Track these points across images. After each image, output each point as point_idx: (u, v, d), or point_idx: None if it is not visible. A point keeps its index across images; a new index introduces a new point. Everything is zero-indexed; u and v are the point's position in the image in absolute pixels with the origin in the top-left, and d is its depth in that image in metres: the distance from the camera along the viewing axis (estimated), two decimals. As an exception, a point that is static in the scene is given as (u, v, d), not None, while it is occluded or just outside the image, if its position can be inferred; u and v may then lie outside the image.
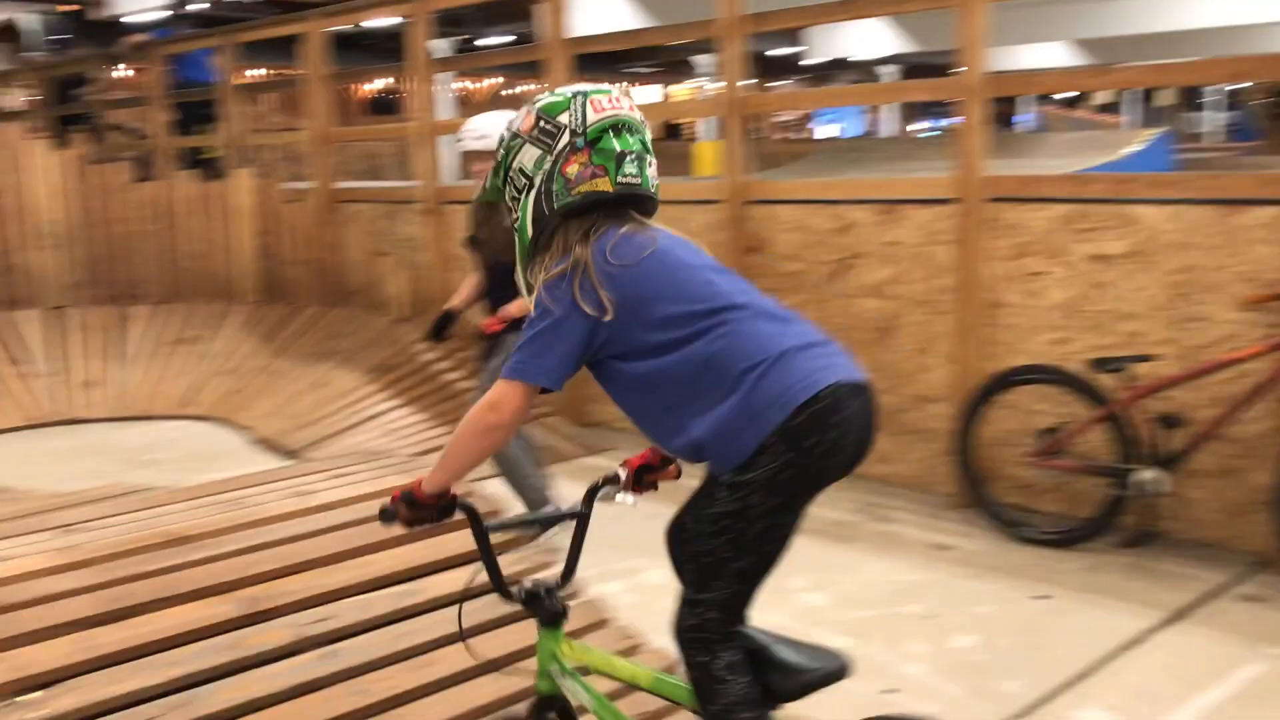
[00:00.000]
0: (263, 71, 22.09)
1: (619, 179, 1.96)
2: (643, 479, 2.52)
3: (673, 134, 30.17)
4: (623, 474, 2.47)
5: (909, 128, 35.06)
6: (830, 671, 1.97)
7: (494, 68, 25.33)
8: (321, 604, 3.09)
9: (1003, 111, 29.84)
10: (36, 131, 9.87)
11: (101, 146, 9.54)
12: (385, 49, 21.53)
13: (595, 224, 1.99)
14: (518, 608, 2.23)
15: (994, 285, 4.97)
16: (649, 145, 2.05)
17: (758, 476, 1.87)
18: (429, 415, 6.50)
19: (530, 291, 2.06)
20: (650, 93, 35.50)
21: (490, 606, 3.17)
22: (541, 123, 1.98)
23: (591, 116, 1.96)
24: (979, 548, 4.62)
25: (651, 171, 2.04)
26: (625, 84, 34.00)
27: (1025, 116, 30.33)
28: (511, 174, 2.01)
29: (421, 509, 2.06)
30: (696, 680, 1.91)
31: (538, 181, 1.97)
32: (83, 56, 10.74)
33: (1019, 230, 4.88)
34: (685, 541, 1.95)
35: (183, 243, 8.30)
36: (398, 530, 2.17)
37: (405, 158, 18.94)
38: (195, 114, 9.74)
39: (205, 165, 9.65)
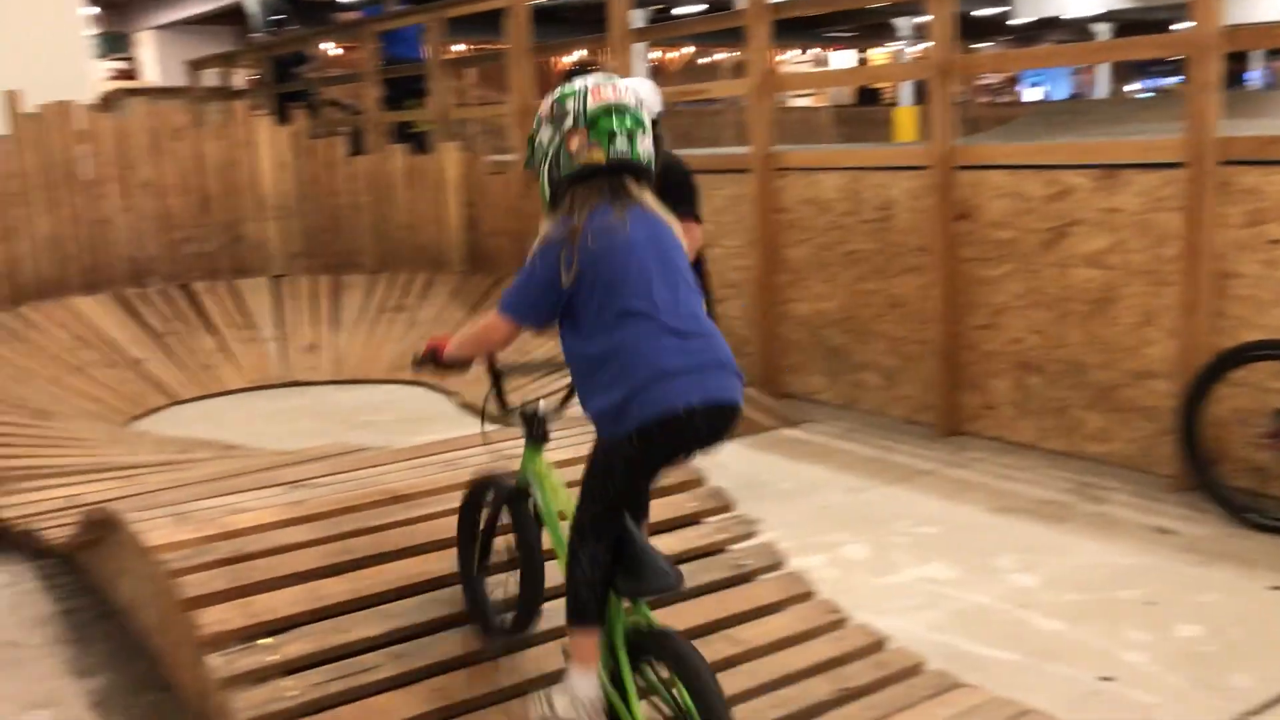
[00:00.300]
0: (462, 47, 22.74)
1: (611, 152, 2.42)
2: None
3: (870, 99, 29.50)
4: None
5: (1125, 89, 33.20)
6: (658, 589, 2.45)
7: (689, 37, 25.30)
8: (530, 565, 3.16)
9: (1234, 68, 27.87)
10: (259, 109, 10.45)
11: (318, 122, 10.03)
12: (583, 20, 21.83)
13: (594, 192, 2.44)
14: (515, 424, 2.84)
15: (1226, 254, 4.64)
16: (643, 123, 2.46)
17: (619, 453, 2.42)
18: (627, 383, 6.57)
19: None
20: (846, 57, 34.79)
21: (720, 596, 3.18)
22: (555, 108, 2.45)
23: (591, 103, 2.42)
24: (1204, 533, 4.35)
25: (643, 146, 2.46)
26: (819, 49, 33.42)
27: (1254, 73, 28.24)
28: (535, 147, 2.51)
29: (444, 367, 2.76)
30: (569, 557, 2.50)
31: (550, 154, 2.46)
32: (300, 35, 11.28)
33: (1256, 195, 4.54)
34: (587, 468, 2.50)
35: (394, 214, 8.64)
36: (426, 375, 3.29)
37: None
38: (404, 89, 10.12)
39: (414, 139, 10.02)
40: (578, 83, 2.49)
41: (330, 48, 12.91)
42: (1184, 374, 4.71)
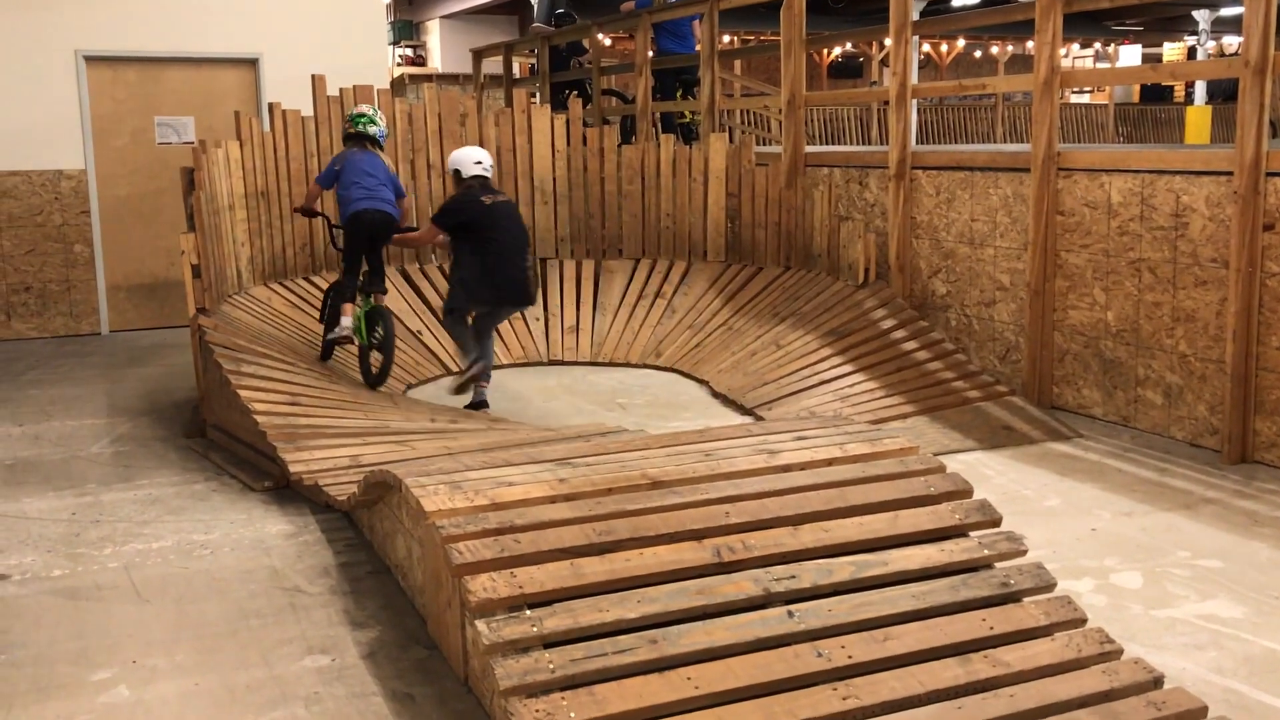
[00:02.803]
0: (727, 40, 22.82)
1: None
2: None
3: (1156, 97, 27.60)
4: None
5: None
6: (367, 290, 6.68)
7: (972, 29, 24.45)
8: (785, 562, 3.13)
9: None
10: (535, 97, 10.83)
11: (591, 111, 10.30)
12: (850, 12, 21.47)
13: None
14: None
15: None
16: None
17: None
18: (883, 383, 6.43)
19: None
20: (1132, 52, 32.70)
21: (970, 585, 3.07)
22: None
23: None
24: None
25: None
26: (1110, 42, 31.56)
27: None
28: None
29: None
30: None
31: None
32: (578, 26, 11.60)
33: None
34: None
35: (658, 202, 8.78)
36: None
37: (866, 121, 18.93)
38: (676, 80, 10.25)
39: (682, 129, 10.14)
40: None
41: (605, 39, 13.24)
42: None
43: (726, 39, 22.64)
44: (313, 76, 8.11)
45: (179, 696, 3.21)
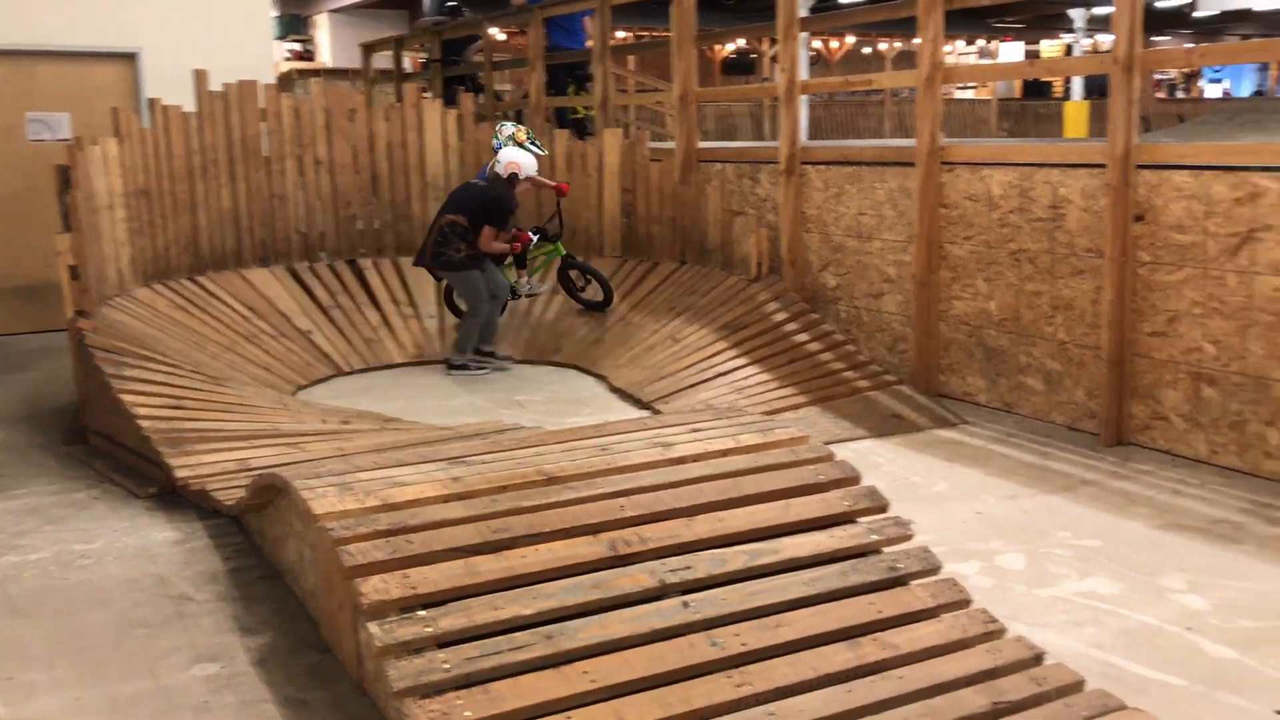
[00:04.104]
0: (622, 35, 22.87)
1: None
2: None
3: (1036, 93, 28.46)
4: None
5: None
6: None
7: (858, 26, 24.89)
8: (679, 554, 3.16)
9: None
10: (427, 91, 10.71)
11: (483, 106, 10.22)
12: (741, 9, 21.71)
13: None
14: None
15: None
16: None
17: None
18: (777, 375, 6.52)
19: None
20: (1014, 49, 33.68)
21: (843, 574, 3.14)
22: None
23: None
24: (1396, 565, 4.06)
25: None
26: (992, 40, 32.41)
27: None
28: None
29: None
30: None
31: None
32: (468, 21, 11.50)
33: None
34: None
35: (553, 198, 8.75)
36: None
37: (758, 118, 19.15)
38: (568, 75, 10.23)
39: (575, 125, 10.12)
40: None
41: (496, 33, 13.15)
42: (1381, 394, 4.41)
43: (620, 34, 22.67)
44: (195, 71, 7.89)
45: (59, 711, 3.11)
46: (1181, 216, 5.20)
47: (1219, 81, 35.75)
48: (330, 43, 23.19)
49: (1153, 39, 30.83)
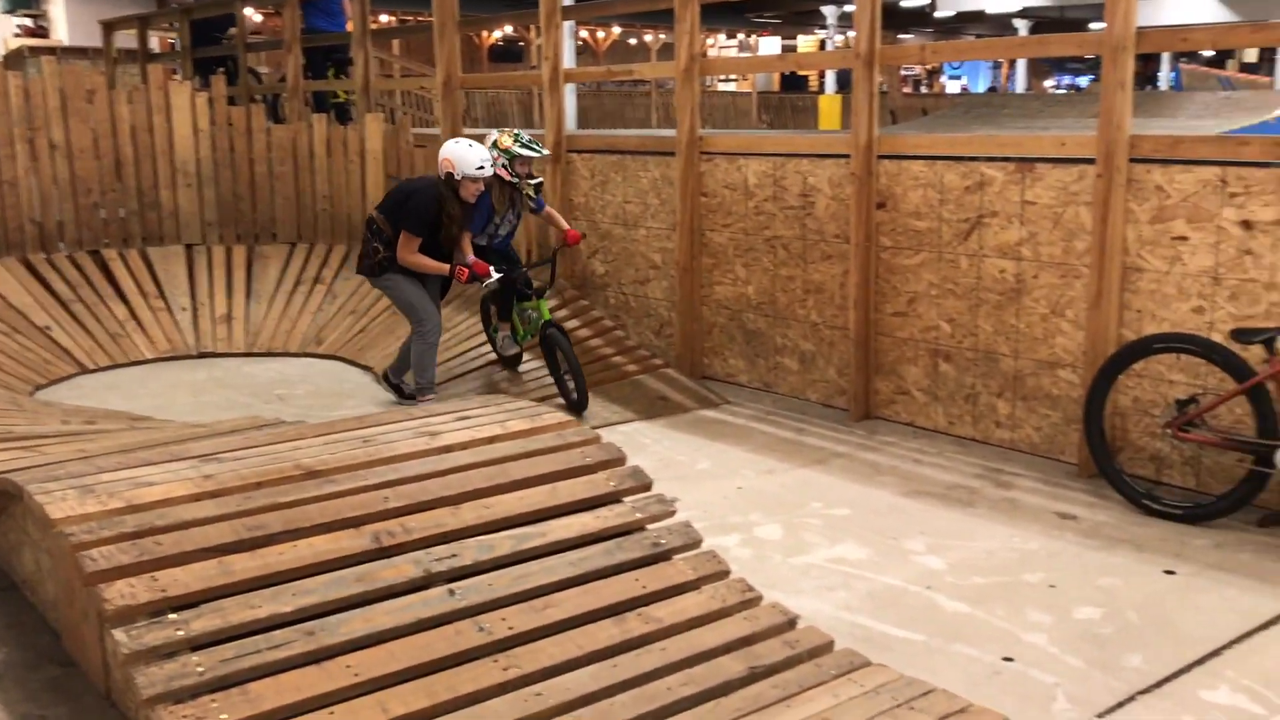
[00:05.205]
0: (386, 19, 22.39)
1: None
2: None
3: (795, 86, 29.69)
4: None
5: (1043, 85, 33.88)
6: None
7: (618, 17, 25.21)
8: (446, 542, 3.15)
9: (1145, 69, 28.57)
10: (177, 73, 10.17)
11: (238, 89, 9.80)
12: (511, -4, 21.60)
13: None
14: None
15: (1132, 250, 4.79)
16: None
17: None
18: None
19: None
20: (772, 44, 34.98)
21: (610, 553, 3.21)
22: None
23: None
24: (1105, 519, 4.49)
25: None
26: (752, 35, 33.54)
27: (1164, 75, 29.00)
28: None
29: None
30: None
31: None
32: (222, 0, 10.99)
33: (1162, 193, 4.68)
34: None
35: (313, 185, 8.50)
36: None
37: (528, 106, 19.15)
38: (328, 59, 9.94)
39: (336, 110, 9.85)
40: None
41: (252, 14, 12.62)
42: (1090, 365, 4.85)
43: (385, 19, 22.18)
44: (-95, 45, 7.21)
45: None
46: (919, 204, 5.55)
47: (958, 78, 38.26)
48: (66, 19, 21.61)
49: (899, 36, 32.68)
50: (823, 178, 5.97)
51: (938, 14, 25.46)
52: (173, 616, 2.69)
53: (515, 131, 6.18)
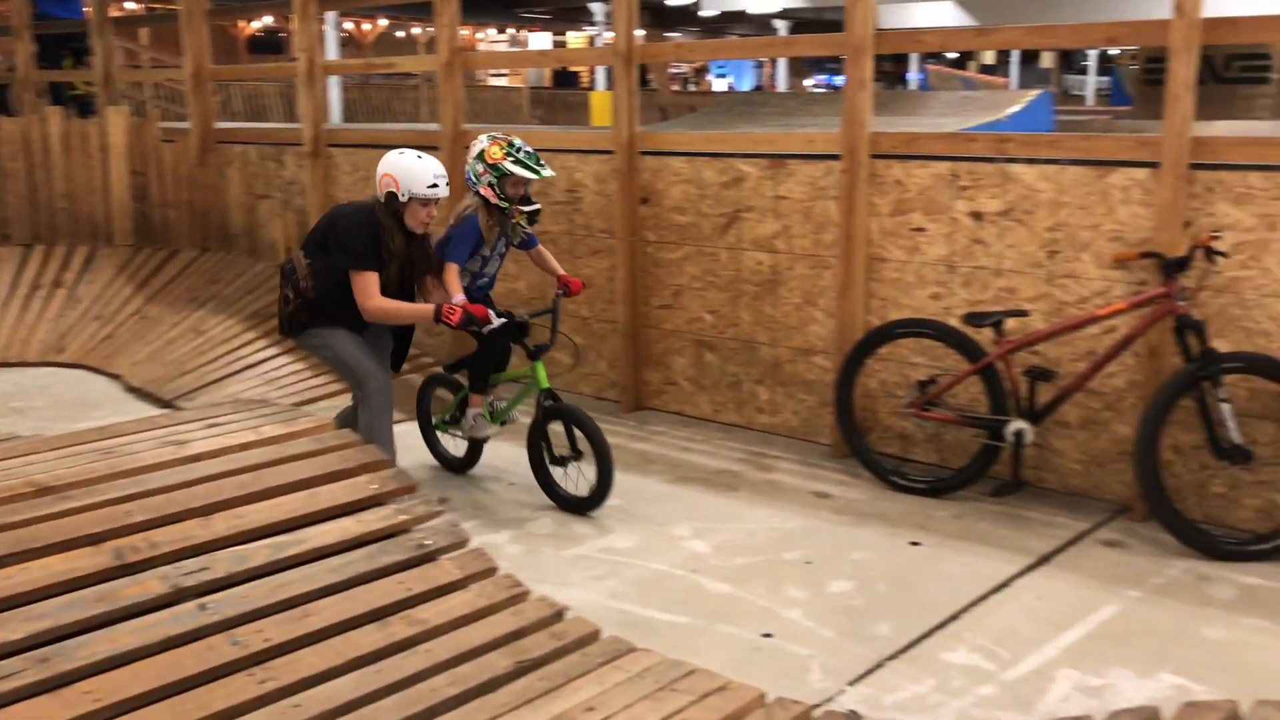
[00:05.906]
0: (132, 6, 21.16)
1: None
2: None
3: (567, 82, 29.85)
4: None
5: (804, 83, 35.35)
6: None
7: (383, 9, 24.68)
8: (195, 555, 3.01)
9: (896, 69, 30.23)
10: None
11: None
12: (268, -15, 20.75)
13: None
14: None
15: (876, 241, 5.06)
16: None
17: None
18: (309, 364, 6.36)
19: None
20: (542, 39, 35.05)
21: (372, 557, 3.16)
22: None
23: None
24: (857, 496, 4.74)
25: None
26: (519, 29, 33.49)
27: (914, 75, 30.80)
28: None
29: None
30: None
31: None
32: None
33: (901, 187, 4.97)
34: None
35: (50, 182, 7.94)
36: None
37: (291, 98, 18.47)
38: (64, 47, 9.30)
39: (78, 102, 9.23)
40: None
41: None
42: (840, 351, 5.10)
43: (130, 5, 20.94)
44: None
45: None
46: (680, 199, 5.69)
47: (725, 76, 39.40)
48: None
49: (665, 35, 33.34)
50: (588, 173, 6.03)
51: (702, 13, 26.13)
52: (-117, 654, 2.47)
53: (510, 140, 4.75)
